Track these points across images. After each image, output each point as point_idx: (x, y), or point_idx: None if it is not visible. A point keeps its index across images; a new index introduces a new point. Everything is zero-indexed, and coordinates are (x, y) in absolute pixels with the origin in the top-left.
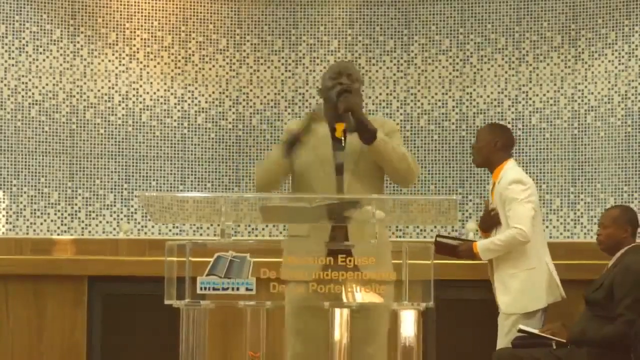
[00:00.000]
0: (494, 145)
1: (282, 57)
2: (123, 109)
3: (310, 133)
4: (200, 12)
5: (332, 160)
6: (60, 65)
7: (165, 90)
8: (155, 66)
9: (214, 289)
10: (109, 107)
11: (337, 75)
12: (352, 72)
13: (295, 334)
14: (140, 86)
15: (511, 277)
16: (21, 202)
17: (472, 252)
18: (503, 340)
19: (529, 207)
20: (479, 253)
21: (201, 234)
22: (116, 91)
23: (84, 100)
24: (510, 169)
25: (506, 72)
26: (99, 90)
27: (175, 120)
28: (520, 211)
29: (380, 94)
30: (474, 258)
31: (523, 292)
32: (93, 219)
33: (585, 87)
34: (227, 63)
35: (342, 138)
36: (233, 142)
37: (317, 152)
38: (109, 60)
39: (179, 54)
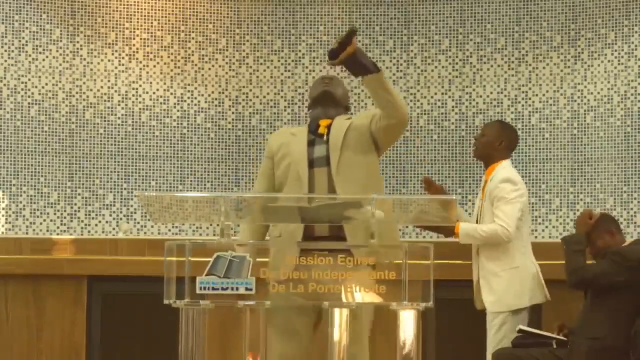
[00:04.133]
0: (499, 144)
1: (282, 57)
2: (122, 108)
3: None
4: (200, 12)
5: (306, 158)
6: (60, 65)
7: (164, 90)
8: (154, 66)
9: (213, 288)
10: (108, 107)
11: (321, 81)
12: (332, 77)
13: (276, 333)
14: (140, 86)
15: (495, 276)
16: (20, 202)
17: (453, 231)
18: (493, 340)
19: (516, 207)
20: (459, 234)
21: (200, 234)
22: (115, 91)
23: (84, 100)
24: (503, 168)
25: (506, 72)
26: (98, 90)
27: (174, 120)
28: (507, 210)
29: None
30: (451, 236)
31: (507, 291)
32: (92, 218)
33: (585, 87)
34: (227, 63)
35: (325, 133)
36: (232, 142)
37: (291, 151)
38: (109, 60)
39: (179, 54)
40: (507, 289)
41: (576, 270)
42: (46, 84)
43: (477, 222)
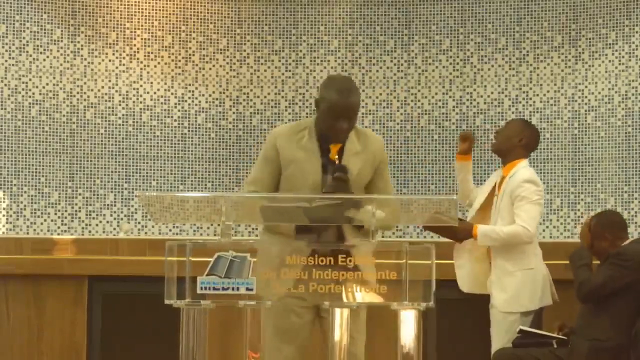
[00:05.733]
0: (519, 141)
1: (283, 57)
2: (123, 108)
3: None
4: (201, 12)
5: (321, 187)
6: (61, 65)
7: (165, 90)
8: (155, 66)
9: (214, 288)
10: (109, 107)
11: (336, 116)
12: (351, 115)
13: (280, 335)
14: (141, 86)
15: (509, 275)
16: (21, 202)
17: (470, 233)
18: (502, 339)
19: (538, 209)
20: (477, 235)
21: (201, 234)
22: (116, 91)
23: (84, 100)
24: (524, 168)
25: (506, 72)
26: (99, 90)
27: (175, 120)
28: (530, 211)
29: (381, 94)
30: (466, 239)
31: (521, 292)
32: (93, 218)
33: (586, 87)
34: (228, 63)
35: (336, 160)
36: (233, 142)
37: (305, 174)
38: (109, 60)
39: (179, 54)
40: (520, 289)
41: (582, 284)
42: (47, 84)
43: (484, 212)
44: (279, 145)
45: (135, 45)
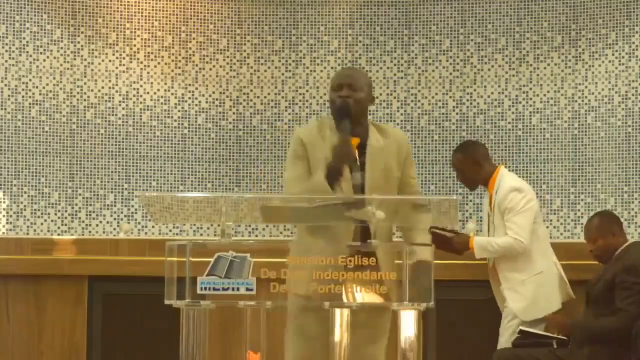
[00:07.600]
0: (473, 164)
1: (283, 57)
2: (123, 109)
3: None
4: (201, 12)
5: (350, 180)
6: (61, 65)
7: (165, 90)
8: (155, 66)
9: (214, 289)
10: (109, 107)
11: (338, 88)
12: (352, 82)
13: (299, 335)
14: (141, 86)
15: (522, 284)
16: (21, 202)
17: (467, 246)
18: (510, 339)
19: (527, 215)
20: (474, 249)
21: (201, 234)
22: (116, 91)
23: (84, 100)
24: (504, 177)
25: (506, 73)
26: (99, 90)
27: (175, 121)
28: (518, 221)
29: (381, 94)
30: (464, 252)
31: (538, 297)
32: (93, 219)
33: (586, 87)
34: (228, 63)
35: (356, 154)
36: (233, 143)
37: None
38: (110, 61)
39: (180, 54)
40: (536, 295)
41: (617, 331)
42: (47, 84)
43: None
44: (307, 143)
45: (135, 45)
